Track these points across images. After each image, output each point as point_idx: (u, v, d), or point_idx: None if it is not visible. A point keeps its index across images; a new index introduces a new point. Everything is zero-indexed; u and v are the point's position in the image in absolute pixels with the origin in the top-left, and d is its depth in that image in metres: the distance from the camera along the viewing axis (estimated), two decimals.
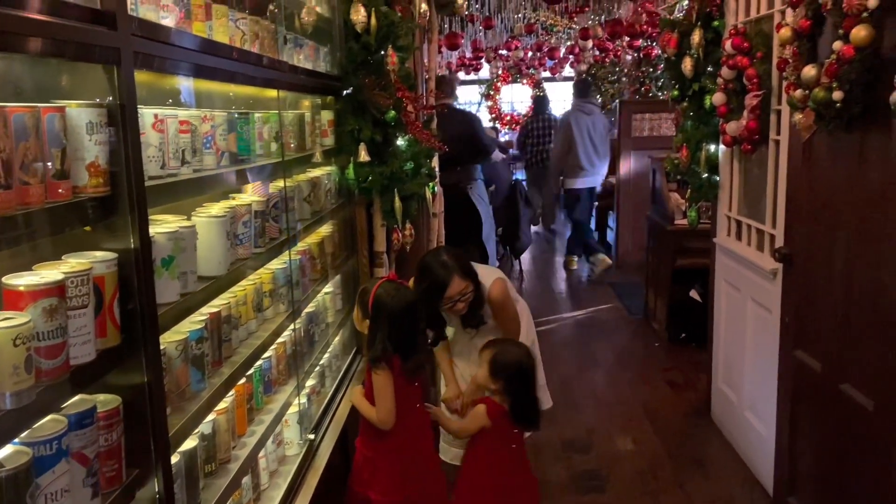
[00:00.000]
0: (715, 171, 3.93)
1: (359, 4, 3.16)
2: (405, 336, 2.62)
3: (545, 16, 10.74)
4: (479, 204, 6.04)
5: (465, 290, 2.77)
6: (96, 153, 1.30)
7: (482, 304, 2.88)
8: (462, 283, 2.76)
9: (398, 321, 2.60)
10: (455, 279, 2.74)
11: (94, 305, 1.28)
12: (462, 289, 2.76)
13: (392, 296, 2.62)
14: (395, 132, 3.46)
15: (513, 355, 2.67)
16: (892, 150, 2.22)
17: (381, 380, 2.57)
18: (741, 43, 3.29)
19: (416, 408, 2.71)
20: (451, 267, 2.76)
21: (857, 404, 2.46)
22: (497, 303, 2.87)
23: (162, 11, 1.68)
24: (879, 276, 2.32)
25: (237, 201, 2.16)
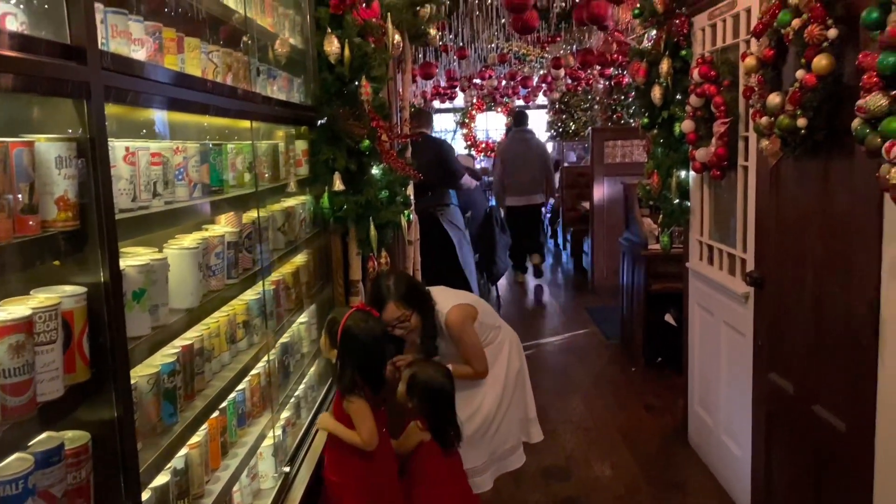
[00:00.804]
0: (686, 196, 3.99)
1: (332, 36, 3.19)
2: (374, 367, 2.65)
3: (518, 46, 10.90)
4: (450, 230, 6.06)
5: (401, 318, 2.79)
6: (65, 187, 1.29)
7: (433, 332, 2.88)
8: (397, 310, 2.79)
9: (367, 353, 2.62)
10: (389, 305, 2.78)
11: (62, 341, 1.27)
12: (397, 316, 2.79)
13: (361, 327, 2.63)
14: (369, 161, 3.47)
15: (427, 376, 2.76)
16: (856, 176, 2.27)
17: (358, 407, 2.59)
18: (708, 71, 3.36)
19: (383, 432, 2.72)
20: (388, 293, 2.80)
21: (829, 426, 2.48)
22: (452, 331, 2.88)
23: (133, 45, 1.68)
24: (848, 299, 2.37)
25: (210, 232, 2.15)
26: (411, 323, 2.83)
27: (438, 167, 6.05)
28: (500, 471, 3.12)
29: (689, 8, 3.72)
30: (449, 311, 2.86)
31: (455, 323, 2.86)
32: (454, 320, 2.86)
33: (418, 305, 2.83)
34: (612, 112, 11.24)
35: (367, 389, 2.62)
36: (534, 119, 18.46)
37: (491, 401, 3.01)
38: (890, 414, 2.15)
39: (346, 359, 2.62)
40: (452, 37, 9.80)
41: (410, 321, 2.83)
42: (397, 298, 2.81)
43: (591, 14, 6.02)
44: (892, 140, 1.77)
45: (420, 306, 2.83)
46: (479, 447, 2.98)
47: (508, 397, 3.08)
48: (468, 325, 2.91)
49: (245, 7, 2.51)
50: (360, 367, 2.60)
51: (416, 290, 2.88)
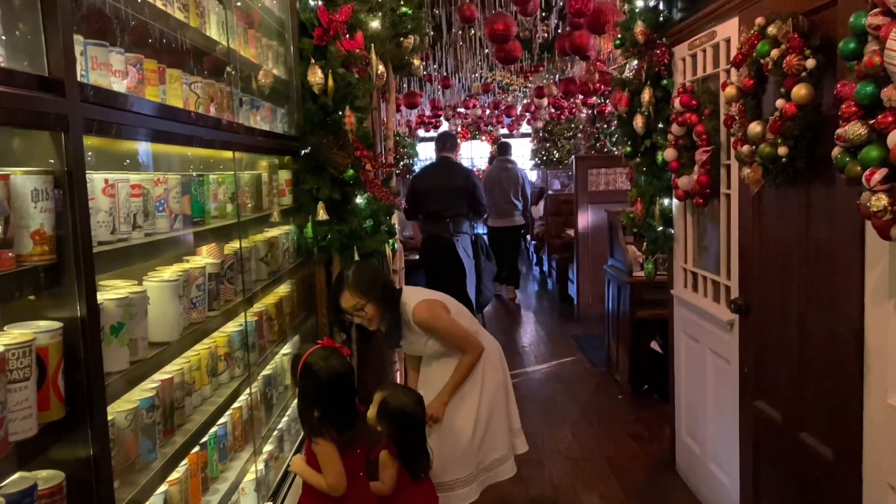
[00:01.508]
0: (669, 224, 4.01)
1: (316, 67, 3.20)
2: (337, 408, 2.48)
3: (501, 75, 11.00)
4: (464, 258, 6.19)
5: (356, 306, 2.78)
6: (41, 221, 1.27)
7: (396, 324, 2.87)
8: (352, 298, 2.78)
9: (328, 392, 2.46)
10: (345, 293, 2.79)
11: (36, 378, 1.24)
12: (353, 304, 2.79)
13: (321, 365, 2.47)
14: (353, 190, 3.47)
15: (398, 402, 2.71)
16: (837, 203, 2.28)
17: (324, 450, 2.44)
18: (689, 101, 3.39)
19: (360, 476, 2.59)
20: (346, 281, 2.81)
21: (817, 453, 2.47)
22: (423, 325, 2.86)
23: (114, 77, 1.68)
24: (831, 325, 2.37)
25: (191, 264, 2.13)
26: (366, 312, 2.80)
27: (468, 197, 6.40)
28: (489, 482, 3.07)
29: (669, 38, 3.76)
30: (416, 306, 2.85)
31: (423, 315, 2.84)
32: (421, 313, 2.84)
33: (374, 294, 2.80)
34: (596, 140, 11.34)
35: (333, 431, 2.46)
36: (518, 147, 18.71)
37: (472, 412, 2.96)
38: (876, 441, 2.15)
39: (307, 398, 2.48)
40: (437, 66, 9.88)
41: (365, 310, 2.80)
42: (352, 286, 2.80)
43: (573, 44, 6.08)
44: (872, 168, 1.78)
45: (376, 295, 2.80)
46: (464, 458, 2.94)
47: (490, 408, 3.03)
48: (439, 314, 2.87)
49: (228, 38, 2.51)
50: (322, 407, 2.45)
51: (374, 280, 2.85)
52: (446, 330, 2.89)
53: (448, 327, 2.89)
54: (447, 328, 2.89)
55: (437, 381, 2.98)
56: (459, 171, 6.70)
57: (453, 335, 2.90)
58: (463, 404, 2.96)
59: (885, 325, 2.09)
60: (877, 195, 1.76)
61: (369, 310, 2.80)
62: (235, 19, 2.64)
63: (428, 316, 2.85)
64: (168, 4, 2.03)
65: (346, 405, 2.53)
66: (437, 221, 6.30)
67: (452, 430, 2.93)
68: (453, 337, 2.90)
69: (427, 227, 6.52)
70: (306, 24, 3.30)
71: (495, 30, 5.84)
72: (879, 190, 1.77)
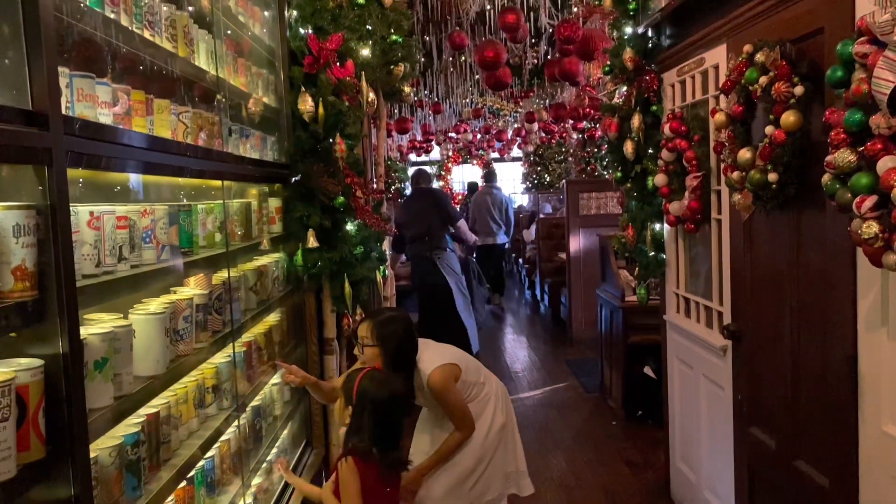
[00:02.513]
0: (661, 249, 4.00)
1: (306, 94, 3.20)
2: (387, 429, 2.52)
3: (492, 101, 11.07)
4: (448, 275, 6.23)
5: (364, 341, 2.81)
6: (23, 256, 1.25)
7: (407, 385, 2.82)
8: (365, 331, 2.82)
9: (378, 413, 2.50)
10: (365, 322, 2.85)
11: (15, 417, 1.20)
12: (363, 336, 2.82)
13: (378, 385, 2.53)
14: (344, 217, 3.45)
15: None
16: (828, 230, 2.28)
17: (345, 474, 2.43)
18: (679, 127, 3.41)
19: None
20: (375, 314, 2.89)
21: (812, 482, 2.44)
22: (434, 392, 2.84)
23: (100, 108, 1.66)
24: (825, 352, 2.36)
25: (178, 295, 2.10)
26: (367, 352, 2.78)
27: (435, 211, 6.67)
28: None
29: (658, 65, 3.79)
30: (432, 373, 2.83)
31: (437, 384, 2.83)
32: (436, 382, 2.83)
33: (384, 346, 2.76)
34: (586, 164, 11.40)
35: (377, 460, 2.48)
36: (509, 171, 18.82)
37: (469, 455, 2.94)
38: (872, 470, 2.12)
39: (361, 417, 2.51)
40: (427, 92, 9.93)
41: (366, 351, 2.78)
42: (374, 324, 2.80)
43: (562, 70, 6.13)
44: (862, 195, 1.78)
45: (385, 347, 2.76)
46: (458, 498, 2.91)
47: (490, 452, 3.01)
48: (450, 387, 2.88)
49: (217, 67, 2.50)
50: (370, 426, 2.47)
51: (396, 337, 2.79)
52: (452, 404, 2.90)
53: (454, 403, 2.90)
54: (453, 404, 2.90)
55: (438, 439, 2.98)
56: (428, 192, 7.07)
57: (455, 411, 2.91)
58: (466, 449, 2.94)
59: (878, 352, 2.07)
60: (868, 222, 1.76)
61: (371, 352, 2.78)
62: (225, 48, 2.64)
63: (441, 386, 2.85)
64: (156, 35, 2.03)
65: (396, 427, 2.57)
66: (418, 242, 6.68)
67: (449, 469, 2.90)
68: (455, 411, 2.91)
69: (411, 251, 6.90)
70: (296, 52, 3.31)
71: (485, 57, 5.88)
72: (870, 217, 1.76)
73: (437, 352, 2.98)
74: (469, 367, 3.01)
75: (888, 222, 1.73)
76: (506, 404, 3.16)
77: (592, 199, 7.83)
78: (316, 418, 3.56)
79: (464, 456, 2.93)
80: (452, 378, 2.88)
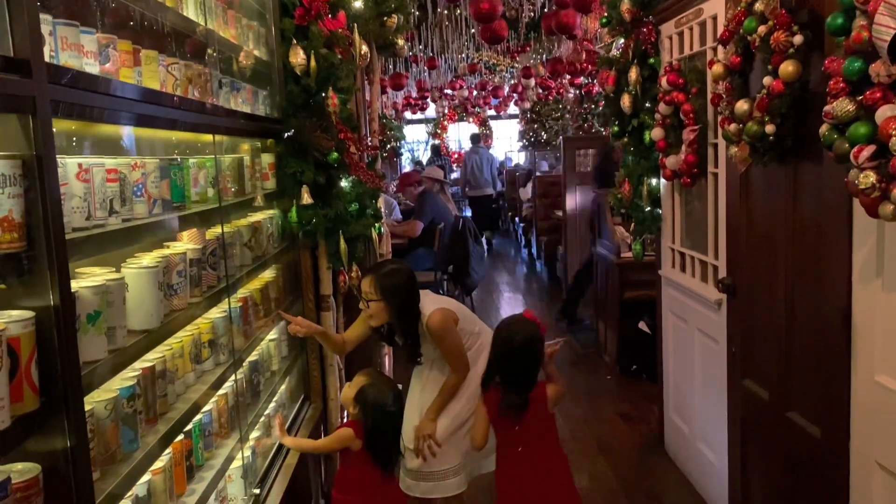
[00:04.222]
0: (657, 204, 3.99)
1: (298, 47, 3.14)
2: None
3: (488, 56, 10.93)
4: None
5: (368, 296, 2.82)
6: (10, 207, 1.23)
7: (415, 338, 2.88)
8: (368, 287, 2.82)
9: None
10: (369, 278, 2.85)
11: (8, 369, 1.20)
12: (366, 292, 2.83)
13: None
14: (338, 174, 3.42)
15: (376, 392, 2.78)
16: (824, 181, 2.27)
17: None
18: (676, 79, 3.37)
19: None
20: (376, 271, 2.86)
21: (804, 432, 2.47)
22: (433, 333, 2.85)
23: (86, 58, 1.62)
24: (819, 304, 2.36)
25: (171, 250, 2.08)
26: (371, 307, 2.79)
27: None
28: (476, 472, 3.07)
29: (656, 16, 3.73)
30: (432, 314, 2.84)
31: (436, 324, 2.84)
32: (436, 322, 2.84)
33: (389, 299, 2.79)
34: (583, 121, 11.30)
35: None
36: (505, 129, 18.68)
37: (462, 402, 2.97)
38: (864, 419, 2.15)
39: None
40: (422, 47, 9.79)
41: (372, 306, 2.79)
42: (377, 278, 2.81)
43: (559, 23, 6.03)
44: (860, 145, 1.76)
45: (389, 301, 2.79)
46: (452, 447, 2.94)
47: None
48: (450, 327, 2.89)
49: (206, 19, 2.45)
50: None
51: (400, 288, 2.83)
52: (450, 345, 2.91)
53: (452, 344, 2.91)
54: (451, 344, 2.91)
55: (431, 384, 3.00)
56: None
57: (453, 352, 2.92)
58: (459, 395, 2.96)
59: (872, 303, 2.08)
60: (865, 172, 1.74)
61: (376, 307, 2.79)
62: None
63: (441, 327, 2.85)
64: None
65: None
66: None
67: (444, 422, 2.93)
68: (452, 354, 2.92)
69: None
70: (287, 4, 3.24)
71: (481, 9, 5.78)
72: (867, 167, 1.74)
73: (436, 299, 3.00)
74: (466, 316, 3.03)
75: (886, 172, 1.71)
76: None
77: (588, 155, 7.78)
78: (314, 373, 3.58)
79: (458, 403, 2.96)
80: (451, 321, 2.89)
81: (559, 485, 2.75)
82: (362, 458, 2.76)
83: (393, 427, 2.87)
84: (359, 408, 2.77)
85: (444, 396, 2.91)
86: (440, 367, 2.97)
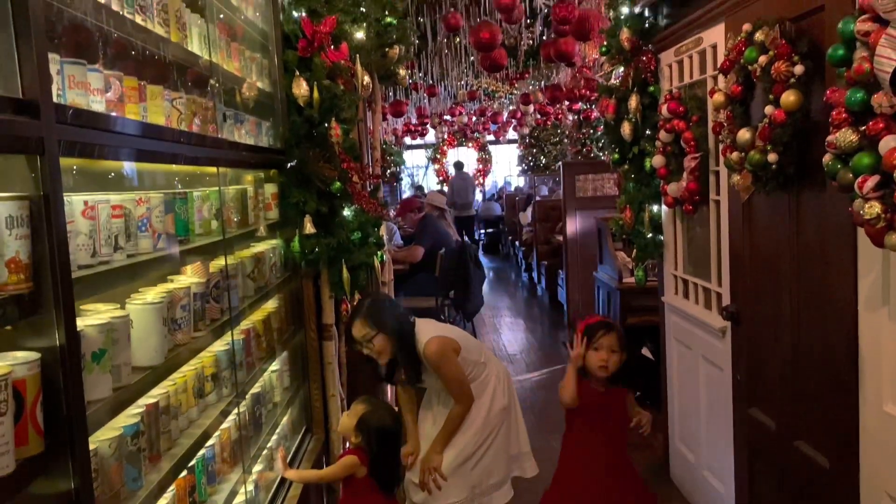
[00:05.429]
0: (659, 230, 3.99)
1: (301, 79, 3.16)
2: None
3: (487, 83, 11.01)
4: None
5: (367, 337, 2.80)
6: (17, 248, 1.22)
7: (412, 362, 2.86)
8: (363, 328, 2.80)
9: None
10: (356, 323, 2.83)
11: (13, 412, 1.19)
12: (363, 334, 2.80)
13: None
14: (340, 203, 3.42)
15: (377, 418, 2.80)
16: (828, 209, 2.27)
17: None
18: (677, 107, 3.38)
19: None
20: (359, 310, 2.85)
21: (813, 462, 2.45)
22: (430, 362, 2.84)
23: (92, 96, 1.63)
24: (825, 332, 2.35)
25: (175, 284, 2.08)
26: (375, 343, 2.79)
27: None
28: None
29: (655, 45, 3.75)
30: (427, 342, 2.83)
31: (433, 354, 2.82)
32: (432, 351, 2.82)
33: (385, 326, 2.78)
34: (582, 146, 11.35)
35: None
36: (505, 153, 18.82)
37: (469, 435, 2.95)
38: (873, 450, 2.13)
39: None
40: (422, 75, 9.86)
41: (375, 342, 2.78)
42: (364, 316, 2.82)
43: (558, 51, 6.08)
44: (864, 175, 1.77)
45: (386, 328, 2.78)
46: (459, 481, 2.91)
47: (492, 434, 3.01)
48: (448, 356, 2.86)
49: (210, 52, 2.47)
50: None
51: (387, 312, 2.84)
52: (449, 374, 2.88)
53: (451, 373, 2.88)
54: (450, 373, 2.88)
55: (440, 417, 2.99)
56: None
57: (453, 382, 2.89)
58: (466, 428, 2.94)
59: (879, 332, 2.07)
60: (870, 203, 1.75)
61: (379, 341, 2.79)
62: (218, 32, 2.60)
63: (438, 355, 2.83)
64: (148, 20, 1.99)
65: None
66: None
67: (451, 454, 2.90)
68: (453, 383, 2.90)
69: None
70: (290, 35, 3.26)
71: (481, 38, 5.83)
72: (872, 197, 1.75)
73: (436, 326, 2.98)
74: (469, 345, 3.02)
75: (891, 202, 1.71)
76: (508, 387, 3.16)
77: (589, 180, 7.79)
78: (316, 403, 3.55)
79: (465, 436, 2.94)
80: (450, 349, 2.87)
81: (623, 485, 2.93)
82: (367, 485, 2.77)
83: (396, 449, 2.86)
84: (362, 436, 2.76)
85: (449, 428, 2.88)
86: (449, 399, 2.95)
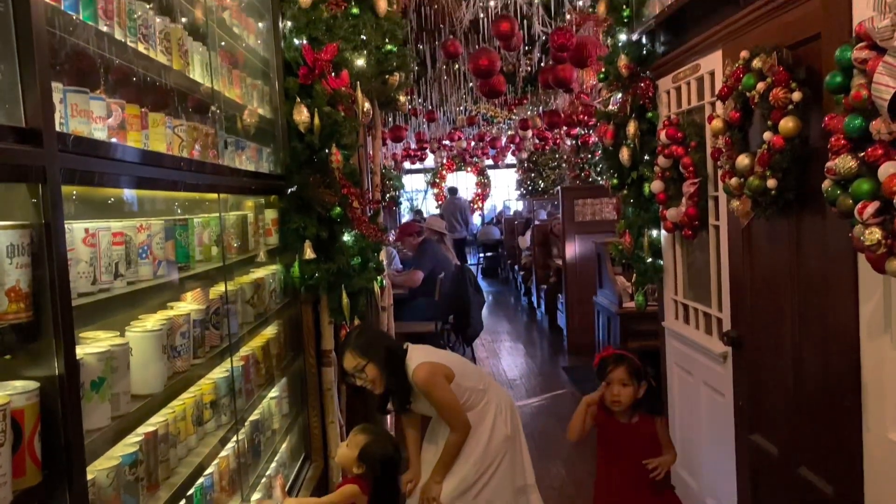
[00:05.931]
0: (658, 255, 3.99)
1: (301, 105, 3.18)
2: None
3: (486, 108, 11.08)
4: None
5: (358, 367, 2.79)
6: (17, 277, 1.22)
7: (401, 388, 2.84)
8: (353, 359, 2.79)
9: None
10: (346, 355, 2.82)
11: (10, 442, 1.18)
12: (354, 365, 2.80)
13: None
14: (341, 228, 3.43)
15: (381, 448, 2.74)
16: (828, 234, 2.27)
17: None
18: (675, 133, 3.40)
19: None
20: (348, 342, 2.85)
21: (816, 489, 2.42)
22: (420, 388, 2.82)
23: (95, 123, 1.64)
24: (826, 358, 2.34)
25: (175, 311, 2.07)
26: (367, 373, 2.77)
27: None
28: None
29: (653, 71, 3.78)
30: (416, 368, 2.81)
31: (421, 379, 2.80)
32: (420, 377, 2.81)
33: (374, 355, 2.77)
34: (580, 170, 11.41)
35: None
36: (503, 178, 18.92)
37: (470, 464, 2.92)
38: (878, 478, 2.11)
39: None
40: (421, 100, 9.93)
41: (366, 371, 2.77)
42: (353, 347, 2.81)
43: (556, 78, 6.13)
44: (864, 202, 1.77)
45: (376, 356, 2.77)
46: None
47: (494, 462, 2.98)
48: (438, 382, 2.83)
49: (212, 80, 2.48)
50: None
51: (375, 341, 2.84)
52: (440, 400, 2.85)
53: (442, 399, 2.85)
54: (441, 399, 2.85)
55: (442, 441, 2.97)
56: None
57: (445, 408, 2.86)
58: (466, 457, 2.91)
59: (881, 359, 2.06)
60: (870, 229, 1.75)
61: (370, 371, 2.78)
62: (220, 60, 2.62)
63: (426, 381, 2.80)
64: (150, 48, 2.01)
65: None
66: None
67: (451, 484, 2.87)
68: (445, 410, 2.87)
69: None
70: (291, 63, 3.29)
71: (480, 65, 5.87)
72: (872, 223, 1.75)
73: (428, 352, 2.96)
74: (467, 371, 2.99)
75: (891, 228, 1.71)
76: (512, 416, 3.12)
77: (587, 205, 7.82)
78: (315, 431, 3.53)
79: (466, 465, 2.90)
80: (440, 375, 2.84)
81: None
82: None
83: (397, 477, 2.83)
84: (366, 467, 2.71)
85: (447, 457, 2.86)
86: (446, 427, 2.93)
